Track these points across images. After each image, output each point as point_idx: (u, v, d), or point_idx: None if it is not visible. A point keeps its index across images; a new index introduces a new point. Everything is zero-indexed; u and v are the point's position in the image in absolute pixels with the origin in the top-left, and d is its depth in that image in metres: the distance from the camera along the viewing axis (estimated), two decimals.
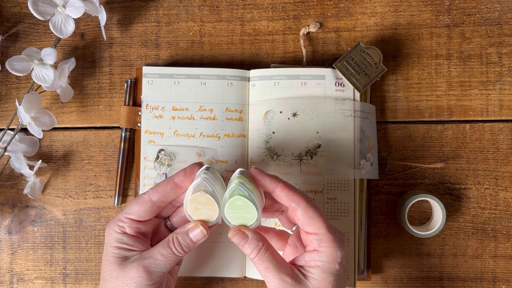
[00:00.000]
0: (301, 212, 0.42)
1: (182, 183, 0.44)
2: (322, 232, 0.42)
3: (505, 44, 0.57)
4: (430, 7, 0.57)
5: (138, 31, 0.58)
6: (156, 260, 0.43)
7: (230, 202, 0.42)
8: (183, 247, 0.43)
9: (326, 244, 0.42)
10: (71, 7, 0.52)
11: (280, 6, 0.58)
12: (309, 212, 0.42)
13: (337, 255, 0.42)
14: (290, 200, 0.43)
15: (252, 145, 0.55)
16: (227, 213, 0.43)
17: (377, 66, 0.54)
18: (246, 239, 0.43)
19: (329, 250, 0.42)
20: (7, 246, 0.57)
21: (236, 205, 0.42)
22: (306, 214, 0.42)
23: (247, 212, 0.42)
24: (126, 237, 0.44)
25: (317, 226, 0.42)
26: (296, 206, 0.43)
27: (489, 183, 0.56)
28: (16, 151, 0.55)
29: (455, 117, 0.57)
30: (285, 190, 0.43)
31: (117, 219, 0.45)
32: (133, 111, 0.56)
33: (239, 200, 0.42)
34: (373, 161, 0.54)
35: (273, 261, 0.42)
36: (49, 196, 0.58)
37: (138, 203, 0.45)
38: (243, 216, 0.43)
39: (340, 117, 0.54)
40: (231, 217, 0.43)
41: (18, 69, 0.52)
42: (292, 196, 0.43)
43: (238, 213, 0.42)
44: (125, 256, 0.44)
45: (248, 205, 0.42)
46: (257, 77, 0.55)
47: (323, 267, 0.41)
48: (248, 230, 0.43)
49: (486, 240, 0.56)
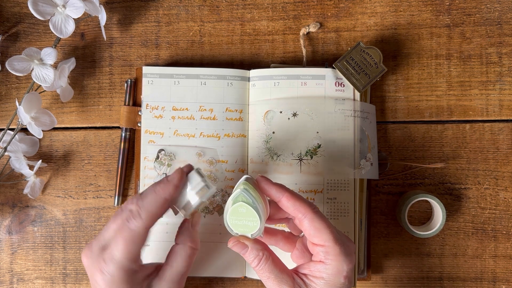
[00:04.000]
0: (308, 223, 0.41)
1: (173, 196, 0.42)
2: (329, 245, 0.41)
3: (505, 44, 0.57)
4: (430, 7, 0.57)
5: (138, 31, 0.58)
6: (185, 274, 0.44)
7: (233, 208, 0.41)
8: (198, 242, 0.44)
9: (333, 258, 0.40)
10: (71, 7, 0.52)
11: (280, 6, 0.58)
12: (315, 224, 0.41)
13: (343, 268, 0.40)
14: (296, 211, 0.42)
15: (252, 145, 0.55)
16: (230, 220, 0.42)
17: (377, 66, 0.54)
18: (246, 249, 0.42)
19: (335, 264, 0.40)
20: (7, 246, 0.57)
21: (239, 212, 0.41)
22: (312, 226, 0.41)
23: (249, 220, 0.41)
24: (139, 273, 0.42)
25: (323, 238, 0.41)
26: (303, 216, 0.41)
27: (489, 183, 0.56)
28: (16, 151, 0.55)
29: (455, 117, 0.57)
30: (291, 200, 0.42)
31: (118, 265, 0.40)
32: (133, 111, 0.56)
33: (243, 207, 0.41)
34: (373, 161, 0.54)
35: (274, 271, 0.41)
36: (49, 196, 0.58)
37: (136, 241, 0.40)
38: (245, 224, 0.42)
39: (340, 117, 0.54)
40: (233, 225, 0.42)
41: (18, 69, 0.52)
42: (298, 207, 0.42)
43: (241, 220, 0.42)
44: (148, 285, 0.42)
45: (251, 212, 0.41)
46: (257, 77, 0.55)
47: (327, 279, 0.40)
48: (247, 240, 0.42)
49: (486, 240, 0.56)
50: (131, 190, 0.57)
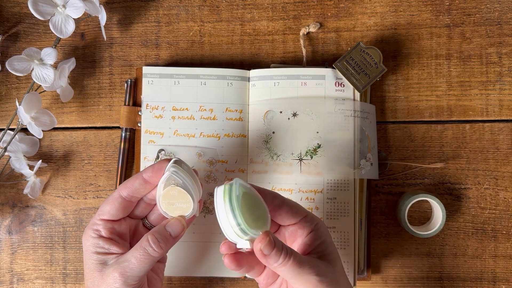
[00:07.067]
0: (286, 208, 0.42)
1: (151, 178, 0.44)
2: (307, 214, 0.43)
3: (505, 44, 0.57)
4: (430, 7, 0.57)
5: (138, 31, 0.58)
6: (130, 263, 0.41)
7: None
8: (160, 245, 0.42)
9: (317, 221, 0.43)
10: (71, 7, 0.52)
11: (280, 6, 0.58)
12: (290, 204, 0.43)
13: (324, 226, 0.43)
14: (273, 197, 0.42)
15: (252, 145, 0.55)
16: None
17: (377, 66, 0.54)
18: (273, 247, 0.38)
19: (321, 224, 0.43)
20: (7, 246, 0.57)
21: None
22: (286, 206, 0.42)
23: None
24: (102, 240, 0.43)
25: (298, 214, 0.42)
26: (278, 201, 0.42)
27: (489, 183, 0.56)
28: (16, 151, 0.55)
29: (455, 117, 0.57)
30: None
31: (91, 224, 0.44)
32: (133, 111, 0.56)
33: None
34: (373, 161, 0.54)
35: (298, 255, 0.40)
36: (49, 196, 0.58)
37: (108, 201, 0.44)
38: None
39: (340, 117, 0.54)
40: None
41: (18, 69, 0.52)
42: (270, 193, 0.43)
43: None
44: (104, 261, 0.42)
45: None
46: (257, 77, 0.55)
47: (329, 241, 0.42)
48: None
49: (486, 240, 0.56)
50: None
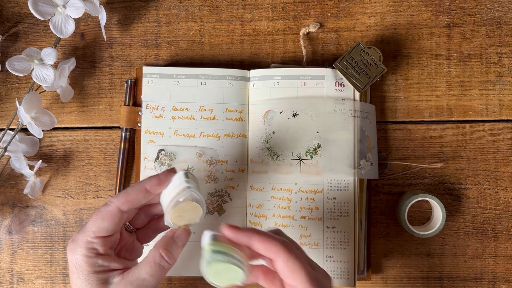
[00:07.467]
0: (281, 264, 0.40)
1: (153, 188, 0.43)
2: (304, 287, 0.39)
3: (505, 44, 0.57)
4: (430, 7, 0.57)
5: (138, 31, 0.58)
6: (145, 281, 0.40)
7: (213, 271, 0.40)
8: (174, 257, 0.41)
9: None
10: (71, 7, 0.52)
11: (280, 6, 0.58)
12: (289, 264, 0.40)
13: None
14: (269, 252, 0.40)
15: (252, 145, 0.55)
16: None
17: (377, 66, 0.54)
18: None
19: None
20: (7, 246, 0.57)
21: (219, 271, 0.40)
22: (286, 266, 0.40)
23: (232, 273, 0.40)
24: (101, 259, 0.41)
25: (298, 279, 0.39)
26: (276, 257, 0.40)
27: (489, 183, 0.56)
28: (16, 151, 0.55)
29: (455, 117, 0.57)
30: (261, 242, 0.40)
31: (84, 241, 0.41)
32: (133, 111, 0.56)
33: (220, 266, 0.39)
34: (373, 161, 0.54)
35: None
36: (49, 196, 0.58)
37: (105, 217, 0.41)
38: (230, 277, 0.40)
39: (340, 117, 0.54)
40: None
41: (18, 69, 0.52)
42: (270, 247, 0.40)
43: (224, 278, 0.40)
44: (106, 280, 0.41)
45: (230, 267, 0.39)
46: (257, 77, 0.55)
47: None
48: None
49: (486, 240, 0.56)
50: None
